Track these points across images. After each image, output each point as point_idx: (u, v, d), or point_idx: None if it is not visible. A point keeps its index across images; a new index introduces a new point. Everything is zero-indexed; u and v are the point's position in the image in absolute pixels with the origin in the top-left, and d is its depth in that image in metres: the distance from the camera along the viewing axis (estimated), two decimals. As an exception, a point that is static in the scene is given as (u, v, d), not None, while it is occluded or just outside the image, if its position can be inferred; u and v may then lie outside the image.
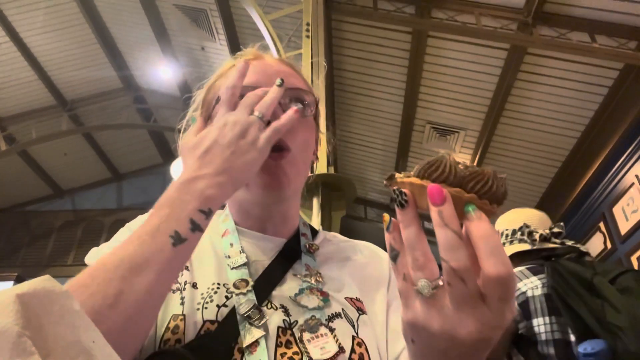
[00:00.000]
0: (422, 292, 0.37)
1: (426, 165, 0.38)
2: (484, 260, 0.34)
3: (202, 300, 0.57)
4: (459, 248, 0.35)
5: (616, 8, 3.72)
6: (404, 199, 0.38)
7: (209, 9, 5.44)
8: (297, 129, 0.66)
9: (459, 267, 0.35)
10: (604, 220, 4.67)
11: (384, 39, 4.72)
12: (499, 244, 0.35)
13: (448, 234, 0.35)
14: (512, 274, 0.34)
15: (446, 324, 0.36)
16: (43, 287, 0.30)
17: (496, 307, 0.35)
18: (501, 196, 0.38)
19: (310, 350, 0.54)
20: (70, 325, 0.29)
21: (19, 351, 0.26)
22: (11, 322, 0.27)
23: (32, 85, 6.39)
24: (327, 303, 0.62)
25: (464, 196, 0.37)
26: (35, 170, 7.37)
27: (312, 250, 0.71)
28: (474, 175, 0.37)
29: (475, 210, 0.36)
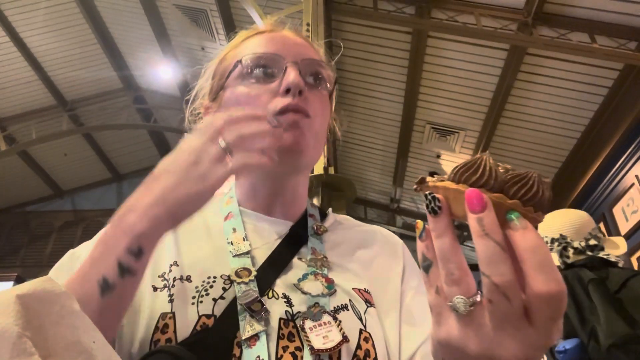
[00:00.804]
0: (458, 309, 0.33)
1: (463, 168, 0.34)
2: (532, 276, 0.31)
3: (196, 294, 0.54)
4: (502, 261, 0.31)
5: (616, 8, 3.72)
6: (437, 205, 0.34)
7: (209, 9, 5.44)
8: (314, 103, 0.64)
9: (503, 283, 0.31)
10: (604, 220, 4.67)
11: (384, 39, 4.72)
12: (548, 257, 0.31)
13: (489, 244, 0.31)
14: (565, 291, 0.31)
15: (485, 345, 0.32)
16: (43, 288, 0.30)
17: (543, 327, 0.31)
18: (547, 202, 0.34)
19: (312, 339, 0.51)
20: (70, 325, 0.29)
21: (19, 351, 0.26)
22: (11, 322, 0.27)
23: (32, 85, 6.39)
24: (332, 290, 0.59)
25: (506, 202, 0.33)
26: (35, 171, 7.37)
27: (320, 232, 0.68)
28: (517, 179, 0.33)
29: (520, 218, 0.32)
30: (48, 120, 6.63)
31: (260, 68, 0.65)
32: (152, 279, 0.57)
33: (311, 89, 0.66)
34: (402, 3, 4.26)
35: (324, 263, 0.62)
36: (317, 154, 0.67)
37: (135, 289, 0.46)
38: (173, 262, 0.59)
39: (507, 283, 0.31)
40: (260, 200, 0.68)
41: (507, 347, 0.32)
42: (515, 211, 0.32)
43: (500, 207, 0.33)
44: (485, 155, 0.34)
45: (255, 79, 0.65)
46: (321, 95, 0.67)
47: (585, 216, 1.71)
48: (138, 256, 0.45)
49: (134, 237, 0.45)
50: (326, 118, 0.69)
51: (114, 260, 0.44)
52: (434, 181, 0.36)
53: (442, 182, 0.35)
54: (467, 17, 4.10)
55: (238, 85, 0.66)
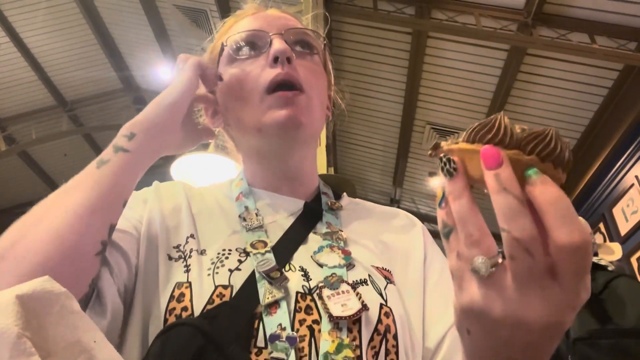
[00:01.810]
0: (479, 271, 0.31)
1: (478, 127, 0.33)
2: (555, 228, 0.29)
3: (212, 266, 0.54)
4: (522, 214, 0.30)
5: (616, 9, 3.72)
6: (453, 167, 0.33)
7: (209, 9, 5.44)
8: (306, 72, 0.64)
9: (524, 237, 0.29)
10: (603, 221, 4.67)
11: (384, 39, 4.72)
12: (570, 208, 0.30)
13: (508, 198, 0.30)
14: (589, 242, 0.29)
15: (510, 307, 0.31)
16: (43, 288, 0.30)
17: (570, 284, 0.30)
18: (567, 160, 0.32)
19: (330, 307, 0.50)
20: (70, 325, 0.29)
21: (18, 352, 0.26)
22: (11, 322, 0.27)
23: (32, 85, 6.39)
24: (349, 261, 0.57)
25: (524, 159, 0.31)
26: (35, 171, 7.37)
27: (335, 208, 0.67)
28: (535, 136, 0.32)
29: (538, 173, 0.31)
30: (48, 121, 6.63)
31: (246, 46, 0.66)
32: (167, 248, 0.57)
33: (301, 58, 0.65)
34: (402, 3, 4.26)
35: (339, 236, 0.61)
36: (317, 125, 0.66)
37: (132, 164, 0.54)
38: (190, 235, 0.59)
39: (528, 237, 0.29)
40: (268, 179, 0.68)
41: (533, 308, 0.30)
42: (533, 167, 0.31)
43: (518, 164, 0.31)
44: (500, 115, 0.33)
45: (243, 58, 0.65)
46: (312, 64, 0.67)
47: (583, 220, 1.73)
48: (130, 138, 0.55)
49: (129, 125, 0.57)
50: (322, 87, 0.68)
51: (110, 146, 0.56)
52: (448, 144, 0.35)
53: (456, 145, 0.34)
54: (467, 17, 4.10)
55: (228, 69, 0.66)
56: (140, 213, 0.61)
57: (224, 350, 0.44)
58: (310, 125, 0.63)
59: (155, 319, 0.51)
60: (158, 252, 0.57)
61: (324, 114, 0.69)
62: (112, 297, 0.50)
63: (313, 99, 0.64)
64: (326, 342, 0.48)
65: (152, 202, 0.64)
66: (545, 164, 0.32)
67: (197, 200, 0.66)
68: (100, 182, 0.51)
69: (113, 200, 0.52)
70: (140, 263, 0.56)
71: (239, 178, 0.71)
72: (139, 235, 0.58)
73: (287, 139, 0.62)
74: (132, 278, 0.55)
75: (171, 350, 0.44)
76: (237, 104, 0.65)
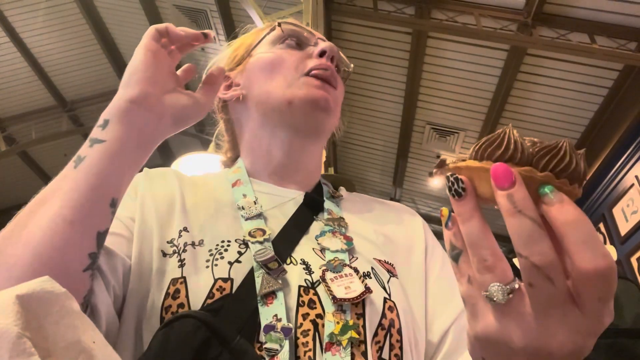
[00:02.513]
0: (495, 298, 0.29)
1: (485, 143, 0.31)
2: (577, 253, 0.27)
3: (210, 258, 0.53)
4: (540, 239, 0.28)
5: (616, 9, 3.72)
6: (461, 187, 0.31)
7: (208, 9, 5.44)
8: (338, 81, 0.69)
9: (544, 263, 0.28)
10: (603, 221, 4.67)
11: (384, 39, 4.72)
12: (592, 231, 0.28)
13: (524, 222, 0.28)
14: (614, 267, 0.27)
15: (530, 336, 0.29)
16: (42, 288, 0.30)
17: (593, 310, 0.28)
18: (583, 174, 0.30)
19: (333, 289, 0.49)
20: (70, 325, 0.29)
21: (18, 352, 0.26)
22: (11, 322, 0.27)
23: (31, 85, 6.38)
24: (351, 247, 0.57)
25: (537, 176, 0.29)
26: (35, 171, 7.37)
27: (336, 196, 0.68)
28: (547, 150, 0.30)
29: (555, 191, 0.29)
30: (48, 121, 6.62)
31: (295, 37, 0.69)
32: (160, 244, 0.55)
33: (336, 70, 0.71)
34: (402, 3, 4.26)
35: (341, 223, 0.61)
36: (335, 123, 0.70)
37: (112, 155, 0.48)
38: (183, 228, 0.57)
39: (548, 263, 0.28)
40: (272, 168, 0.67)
41: (554, 336, 0.28)
42: (549, 184, 0.29)
43: (531, 182, 0.29)
44: (508, 128, 0.31)
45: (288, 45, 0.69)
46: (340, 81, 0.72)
47: None
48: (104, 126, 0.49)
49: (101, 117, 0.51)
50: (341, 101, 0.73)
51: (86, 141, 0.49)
52: (454, 162, 0.33)
53: (464, 162, 0.32)
54: (467, 17, 4.10)
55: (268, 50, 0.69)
56: (131, 209, 0.59)
57: (229, 343, 0.43)
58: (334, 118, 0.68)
59: (151, 317, 0.49)
60: (152, 250, 0.55)
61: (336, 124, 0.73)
62: (107, 311, 0.48)
63: (339, 101, 0.69)
64: (330, 324, 0.48)
65: (143, 192, 0.61)
66: (560, 180, 0.29)
67: (190, 190, 0.64)
68: (78, 185, 0.45)
69: (96, 204, 0.45)
70: (133, 263, 0.54)
71: (236, 165, 0.70)
72: (132, 235, 0.56)
73: (315, 118, 0.64)
74: (127, 283, 0.53)
75: (175, 342, 0.43)
76: (268, 77, 0.66)
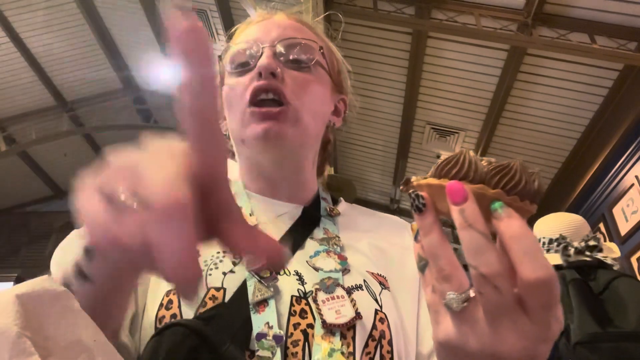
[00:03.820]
0: (451, 306, 0.32)
1: (443, 163, 0.34)
2: (520, 264, 0.30)
3: (205, 268, 0.53)
4: (488, 250, 0.30)
5: (616, 9, 3.72)
6: (422, 203, 0.34)
7: (208, 9, 5.44)
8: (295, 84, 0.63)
9: (491, 273, 0.30)
10: (603, 221, 4.67)
11: (384, 39, 4.72)
12: (534, 243, 0.30)
13: (473, 235, 0.31)
14: (554, 277, 0.30)
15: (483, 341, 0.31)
16: (42, 287, 0.30)
17: (539, 317, 0.30)
18: (534, 192, 0.33)
19: (324, 313, 0.50)
20: (70, 324, 0.29)
21: (18, 352, 0.26)
22: (10, 322, 0.27)
23: (32, 86, 6.39)
24: (345, 266, 0.57)
25: (488, 192, 0.32)
26: (35, 171, 7.37)
27: (333, 215, 0.67)
28: (500, 169, 0.33)
29: (504, 207, 0.31)
30: (48, 121, 6.62)
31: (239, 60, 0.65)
32: None
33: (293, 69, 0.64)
34: (402, 3, 4.26)
35: (336, 242, 0.61)
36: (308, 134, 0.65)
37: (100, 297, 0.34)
38: None
39: (495, 273, 0.30)
40: (262, 183, 0.67)
41: (506, 341, 0.31)
42: (499, 201, 0.32)
43: (483, 198, 0.32)
44: (465, 150, 0.34)
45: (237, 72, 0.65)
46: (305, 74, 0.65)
47: (582, 220, 1.75)
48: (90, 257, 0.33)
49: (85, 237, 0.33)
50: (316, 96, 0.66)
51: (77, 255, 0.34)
52: (417, 179, 0.36)
53: (425, 180, 0.35)
54: (467, 17, 4.10)
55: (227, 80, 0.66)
56: None
57: (217, 350, 0.43)
58: (297, 136, 0.62)
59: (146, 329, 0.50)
60: None
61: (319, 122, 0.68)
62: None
63: (301, 110, 0.62)
64: (318, 347, 0.48)
65: None
66: (511, 197, 0.32)
67: None
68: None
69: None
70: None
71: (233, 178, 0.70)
72: None
73: (269, 151, 0.63)
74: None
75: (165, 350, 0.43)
76: (229, 115, 0.66)
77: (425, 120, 5.42)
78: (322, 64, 0.69)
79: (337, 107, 0.74)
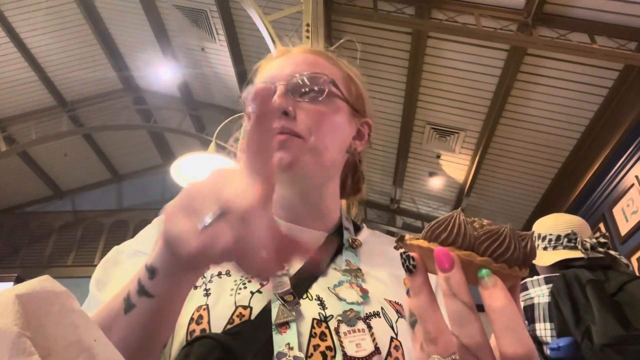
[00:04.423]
0: None
1: (434, 225, 0.34)
2: (500, 337, 0.31)
3: (235, 287, 0.56)
4: (470, 322, 0.31)
5: (616, 9, 3.72)
6: (412, 264, 0.35)
7: (209, 9, 5.44)
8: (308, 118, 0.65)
9: (472, 344, 0.31)
10: (604, 221, 4.67)
11: (384, 39, 4.72)
12: (515, 317, 0.31)
13: (457, 305, 0.31)
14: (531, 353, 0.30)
15: None
16: (42, 288, 0.30)
17: None
18: (524, 257, 0.33)
19: (345, 345, 0.52)
20: (70, 324, 0.29)
21: (18, 351, 0.26)
22: (11, 322, 0.27)
23: (31, 86, 6.38)
24: (367, 300, 0.59)
25: (476, 260, 0.32)
26: (35, 171, 7.37)
27: (355, 246, 0.69)
28: (489, 235, 0.33)
29: (490, 276, 0.32)
30: (48, 121, 6.62)
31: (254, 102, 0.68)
32: None
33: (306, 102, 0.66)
34: (402, 3, 4.26)
35: (358, 274, 0.63)
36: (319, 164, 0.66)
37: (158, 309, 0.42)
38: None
39: (475, 344, 0.31)
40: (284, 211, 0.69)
41: None
42: (486, 268, 0.32)
43: (470, 265, 0.32)
44: (457, 213, 0.34)
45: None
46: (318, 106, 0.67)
47: (583, 220, 1.75)
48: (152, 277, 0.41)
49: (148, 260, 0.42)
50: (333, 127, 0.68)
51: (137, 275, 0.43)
52: (410, 239, 0.36)
53: (417, 240, 0.35)
54: (467, 17, 4.10)
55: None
56: None
57: None
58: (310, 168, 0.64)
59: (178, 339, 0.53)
60: None
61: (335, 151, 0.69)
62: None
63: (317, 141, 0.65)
64: None
65: None
66: (499, 265, 0.32)
67: None
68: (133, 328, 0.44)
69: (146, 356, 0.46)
70: None
71: None
72: None
73: (283, 179, 0.65)
74: None
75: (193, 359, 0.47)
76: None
77: (425, 120, 5.42)
78: (336, 94, 0.71)
79: (360, 131, 0.76)
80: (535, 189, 5.63)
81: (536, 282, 1.57)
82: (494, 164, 5.53)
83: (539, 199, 5.71)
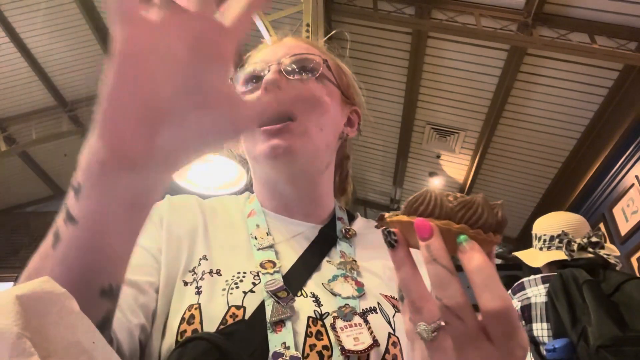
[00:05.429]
0: (422, 335, 0.35)
1: (412, 200, 0.37)
2: (480, 295, 0.32)
3: (226, 287, 0.55)
4: (450, 284, 0.33)
5: (616, 9, 3.72)
6: (393, 239, 0.37)
7: (209, 9, 5.44)
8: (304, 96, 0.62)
9: (453, 304, 0.33)
10: (604, 221, 4.67)
11: (384, 39, 4.72)
12: (493, 275, 0.33)
13: (438, 269, 0.33)
14: (510, 307, 0.32)
15: None
16: (42, 288, 0.30)
17: (502, 344, 0.32)
18: (497, 223, 0.35)
19: (343, 340, 0.52)
20: (70, 326, 0.29)
21: (18, 352, 0.26)
22: (10, 322, 0.27)
23: (32, 86, 6.38)
24: (362, 293, 0.59)
25: (453, 227, 0.35)
26: (35, 171, 7.37)
27: (349, 236, 0.68)
28: (463, 205, 0.35)
29: (468, 240, 0.34)
30: (48, 121, 6.62)
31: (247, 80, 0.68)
32: (183, 274, 0.58)
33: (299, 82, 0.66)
34: (402, 3, 4.26)
35: (353, 266, 0.62)
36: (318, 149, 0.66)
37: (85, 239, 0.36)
38: (202, 256, 0.60)
39: (457, 304, 0.33)
40: (277, 201, 0.68)
41: None
42: (463, 234, 0.34)
43: (449, 233, 0.35)
44: (429, 189, 0.37)
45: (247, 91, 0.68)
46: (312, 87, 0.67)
47: (582, 218, 1.76)
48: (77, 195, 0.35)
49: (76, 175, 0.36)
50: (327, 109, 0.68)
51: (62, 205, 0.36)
52: (390, 216, 0.38)
53: (397, 217, 0.37)
54: (467, 17, 4.10)
55: None
56: (158, 240, 0.61)
57: None
58: (306, 148, 0.64)
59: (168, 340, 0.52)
60: (176, 278, 0.58)
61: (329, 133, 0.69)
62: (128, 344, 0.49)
63: (308, 124, 0.64)
64: None
65: (168, 221, 0.64)
66: (475, 230, 0.35)
67: (211, 218, 0.67)
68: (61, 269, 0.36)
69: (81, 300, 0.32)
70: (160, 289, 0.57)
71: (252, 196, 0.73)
72: (159, 265, 0.59)
73: (280, 168, 0.65)
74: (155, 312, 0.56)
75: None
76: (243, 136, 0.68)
77: (425, 120, 5.42)
78: (329, 77, 0.70)
79: (350, 119, 0.77)
80: (535, 189, 5.62)
81: (533, 282, 1.57)
82: (494, 164, 5.53)
83: (539, 199, 5.71)
